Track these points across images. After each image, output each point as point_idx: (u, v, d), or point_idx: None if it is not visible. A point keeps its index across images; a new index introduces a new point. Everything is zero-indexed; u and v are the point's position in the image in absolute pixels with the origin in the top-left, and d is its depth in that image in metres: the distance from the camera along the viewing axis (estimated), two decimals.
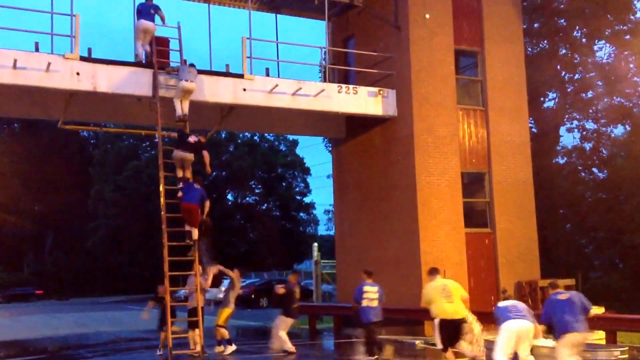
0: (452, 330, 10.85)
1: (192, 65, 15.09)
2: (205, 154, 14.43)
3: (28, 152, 47.11)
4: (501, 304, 10.06)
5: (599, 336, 13.41)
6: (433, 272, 11.39)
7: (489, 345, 10.51)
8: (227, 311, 14.16)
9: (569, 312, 9.09)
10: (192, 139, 14.43)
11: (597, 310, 14.16)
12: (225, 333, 14.18)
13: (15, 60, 13.80)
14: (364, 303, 12.39)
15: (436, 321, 10.90)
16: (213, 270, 14.10)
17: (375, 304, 12.46)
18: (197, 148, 14.46)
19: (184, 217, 14.00)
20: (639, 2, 25.28)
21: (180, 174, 14.53)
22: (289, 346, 13.96)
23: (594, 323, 13.39)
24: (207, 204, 14.09)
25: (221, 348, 14.22)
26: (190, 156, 14.38)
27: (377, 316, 12.50)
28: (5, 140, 49.14)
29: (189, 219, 13.87)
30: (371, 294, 12.45)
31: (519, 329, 9.48)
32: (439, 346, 11.03)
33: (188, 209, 13.78)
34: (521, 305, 9.90)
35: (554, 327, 9.29)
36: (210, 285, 14.40)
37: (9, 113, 18.72)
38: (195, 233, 13.89)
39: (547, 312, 9.40)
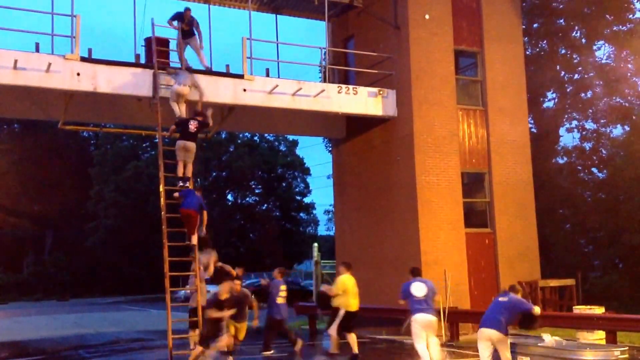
0: (352, 320, 12.80)
1: (188, 68, 15.11)
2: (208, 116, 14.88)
3: (28, 152, 47.06)
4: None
5: (599, 336, 13.41)
6: (349, 266, 12.97)
7: None
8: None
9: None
10: (192, 125, 14.41)
11: (597, 310, 14.20)
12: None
13: (15, 61, 13.82)
14: (279, 300, 13.56)
15: (342, 311, 12.71)
16: (212, 258, 14.11)
17: (285, 301, 13.74)
18: (197, 134, 14.64)
19: (183, 221, 14.09)
20: (638, 2, 25.21)
21: (180, 170, 14.53)
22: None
23: (594, 323, 13.44)
24: (205, 215, 14.13)
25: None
26: (192, 145, 14.45)
27: (285, 314, 13.81)
28: (5, 140, 49.06)
29: (187, 224, 13.93)
30: (284, 292, 13.73)
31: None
32: (334, 333, 12.83)
33: (186, 215, 13.86)
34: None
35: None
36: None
37: (9, 113, 18.74)
38: (194, 238, 13.93)
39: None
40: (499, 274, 18.04)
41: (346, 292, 12.70)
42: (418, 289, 10.89)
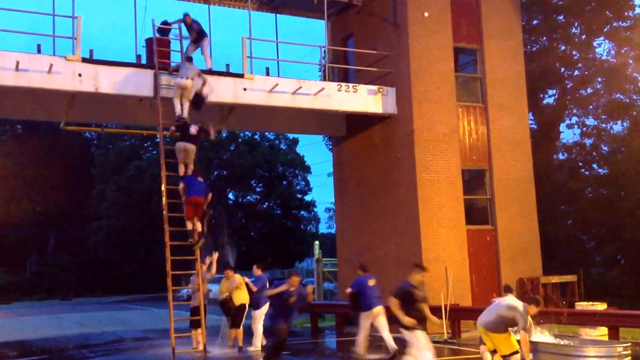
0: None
1: (189, 59, 15.20)
2: (210, 130, 15.16)
3: (30, 153, 47.20)
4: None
5: (602, 332, 13.43)
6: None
7: None
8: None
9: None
10: (193, 129, 14.63)
11: (599, 306, 14.22)
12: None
13: (17, 62, 13.88)
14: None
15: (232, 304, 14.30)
16: (214, 257, 14.31)
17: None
18: (198, 136, 14.82)
19: (188, 212, 14.10)
20: None
21: (182, 170, 14.65)
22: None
23: (597, 319, 13.47)
24: (210, 196, 14.59)
25: None
26: (192, 147, 14.59)
27: None
28: (7, 141, 49.21)
29: (195, 211, 14.00)
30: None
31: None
32: (228, 324, 14.44)
33: (195, 202, 13.95)
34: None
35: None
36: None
37: (12, 115, 18.82)
38: (199, 226, 14.00)
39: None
40: (500, 270, 18.07)
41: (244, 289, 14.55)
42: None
